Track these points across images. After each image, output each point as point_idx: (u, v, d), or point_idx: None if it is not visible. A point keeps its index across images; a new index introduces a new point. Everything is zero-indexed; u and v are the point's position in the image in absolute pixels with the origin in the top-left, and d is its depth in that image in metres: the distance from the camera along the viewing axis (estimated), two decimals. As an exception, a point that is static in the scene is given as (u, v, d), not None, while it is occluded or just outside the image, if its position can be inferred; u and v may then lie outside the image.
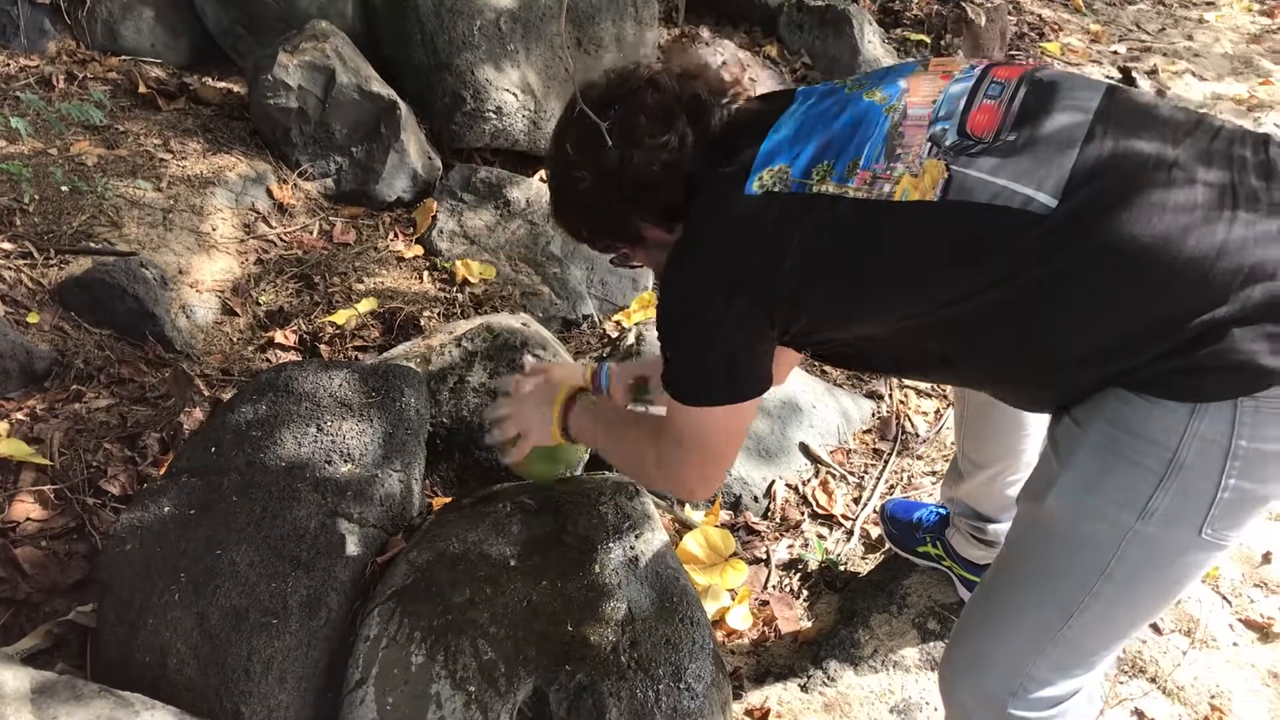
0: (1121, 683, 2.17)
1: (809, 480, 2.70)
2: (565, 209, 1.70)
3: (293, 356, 2.87)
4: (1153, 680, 2.18)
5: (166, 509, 2.03)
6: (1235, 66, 5.85)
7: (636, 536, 2.12)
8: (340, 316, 2.95)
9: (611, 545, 2.08)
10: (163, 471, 2.43)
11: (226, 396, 2.69)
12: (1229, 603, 2.36)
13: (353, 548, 2.06)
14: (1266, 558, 2.48)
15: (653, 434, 1.73)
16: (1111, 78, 5.32)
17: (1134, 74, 5.32)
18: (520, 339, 2.55)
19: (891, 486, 2.72)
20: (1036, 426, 1.95)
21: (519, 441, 2.02)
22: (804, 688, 2.16)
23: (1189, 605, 2.34)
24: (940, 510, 2.30)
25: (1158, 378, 1.28)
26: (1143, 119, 1.36)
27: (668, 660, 1.94)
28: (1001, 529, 2.09)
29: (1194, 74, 5.64)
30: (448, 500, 2.41)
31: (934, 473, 2.76)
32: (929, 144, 1.37)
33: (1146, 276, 1.26)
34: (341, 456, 2.16)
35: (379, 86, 3.43)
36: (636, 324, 2.91)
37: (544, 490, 2.19)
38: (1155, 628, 2.28)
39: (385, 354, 2.59)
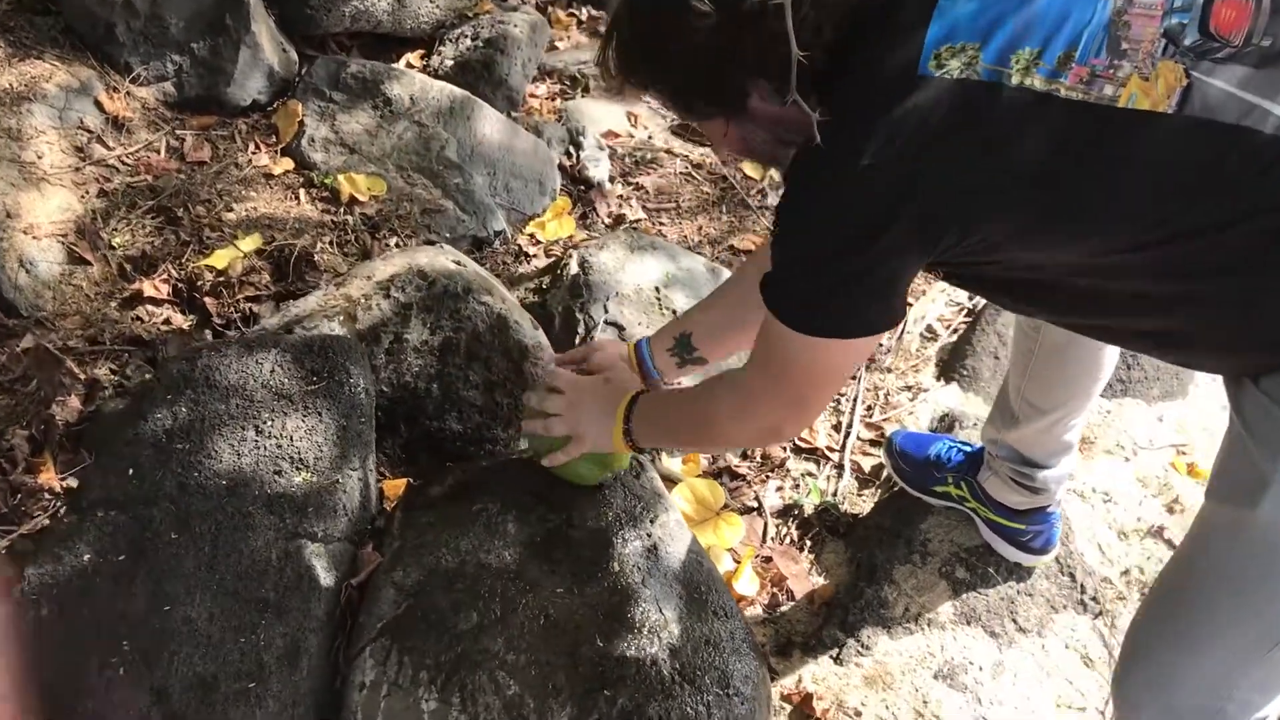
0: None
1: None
2: (656, 51, 1.30)
3: (170, 314, 2.41)
4: None
5: (87, 557, 1.63)
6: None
7: (652, 521, 1.85)
8: (219, 258, 2.49)
9: (627, 536, 1.81)
10: (45, 477, 2.00)
11: (101, 374, 2.24)
12: None
13: (324, 574, 1.72)
14: None
15: (724, 383, 1.49)
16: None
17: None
18: (462, 284, 2.18)
19: (869, 408, 2.52)
20: (1110, 367, 1.76)
21: (569, 444, 1.72)
22: (838, 659, 1.97)
23: None
24: (964, 447, 2.11)
25: None
26: None
27: (712, 665, 1.71)
28: (1047, 475, 1.91)
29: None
30: (401, 484, 2.08)
31: (909, 387, 2.58)
32: (1163, 40, 1.11)
33: None
34: (292, 463, 1.78)
35: (217, -33, 2.87)
36: (573, 249, 2.56)
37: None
38: None
39: (295, 310, 2.18)
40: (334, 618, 1.73)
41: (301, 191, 2.79)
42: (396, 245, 2.69)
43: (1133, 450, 2.44)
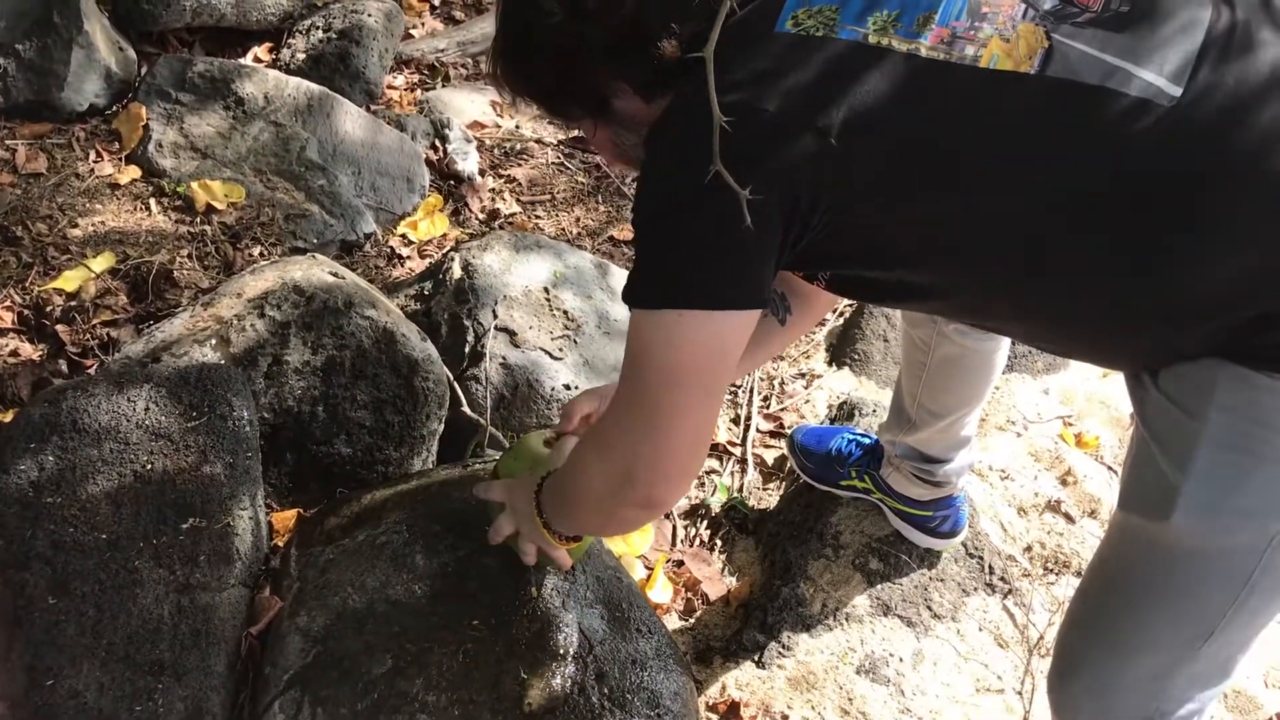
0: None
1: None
2: (518, 55, 1.27)
3: (17, 344, 2.22)
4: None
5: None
6: None
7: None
8: (68, 280, 2.30)
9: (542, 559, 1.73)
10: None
11: (-57, 415, 2.05)
12: None
13: (221, 626, 1.60)
14: None
15: (591, 442, 1.33)
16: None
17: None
18: (342, 298, 2.06)
19: (766, 398, 2.49)
20: (1002, 365, 1.78)
21: (521, 544, 1.60)
22: (760, 663, 1.94)
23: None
24: (862, 439, 2.10)
25: None
26: None
27: (640, 687, 1.66)
28: (951, 468, 1.92)
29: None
30: (291, 515, 1.95)
31: (802, 374, 2.56)
32: (1023, 5, 1.10)
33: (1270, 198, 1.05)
34: (177, 509, 1.64)
35: (41, -39, 2.64)
36: (454, 251, 2.45)
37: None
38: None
39: (161, 335, 2.02)
40: (235, 671, 1.61)
41: (152, 201, 2.61)
42: (261, 255, 2.54)
43: (1023, 425, 2.47)
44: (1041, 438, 2.46)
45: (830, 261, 1.24)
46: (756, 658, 1.95)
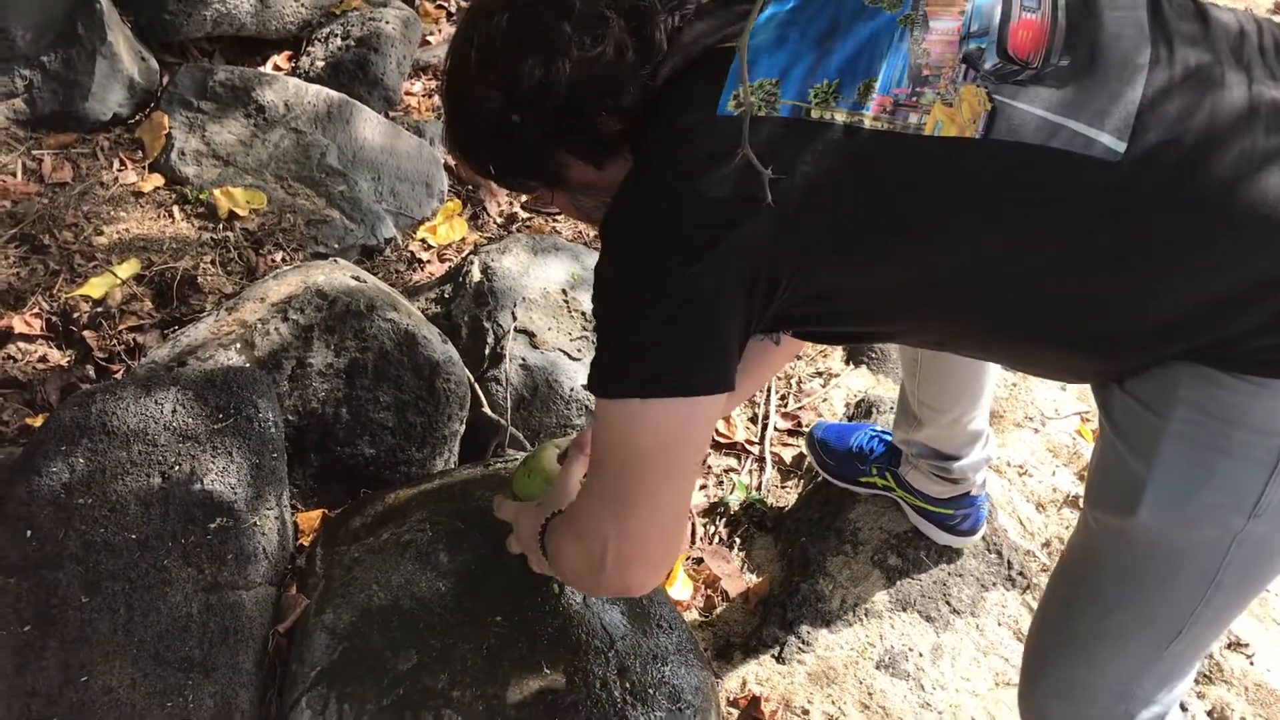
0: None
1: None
2: (466, 138, 1.30)
3: (46, 350, 2.25)
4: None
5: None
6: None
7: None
8: (95, 288, 2.34)
9: (564, 556, 1.75)
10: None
11: (-26, 421, 2.08)
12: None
13: (249, 624, 1.62)
14: None
15: (567, 523, 1.35)
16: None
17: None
18: (364, 301, 2.09)
19: (784, 397, 2.51)
20: (997, 369, 1.78)
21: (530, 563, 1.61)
22: (780, 658, 1.96)
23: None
24: (883, 436, 2.11)
25: (1257, 354, 1.09)
26: (1196, 27, 1.14)
27: (661, 680, 1.67)
28: (965, 464, 1.93)
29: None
30: (316, 515, 1.98)
31: (819, 373, 2.57)
32: (963, 65, 1.09)
33: (1241, 234, 1.06)
34: (205, 509, 1.67)
35: (65, -26, 2.68)
36: (473, 255, 2.47)
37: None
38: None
39: (186, 340, 2.05)
40: (263, 668, 1.63)
41: (175, 209, 2.64)
42: (283, 260, 2.57)
43: (1041, 421, 2.48)
44: (1059, 433, 2.47)
45: (795, 324, 1.26)
46: (776, 653, 1.97)
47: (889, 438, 2.09)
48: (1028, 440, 2.43)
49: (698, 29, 1.19)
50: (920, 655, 1.97)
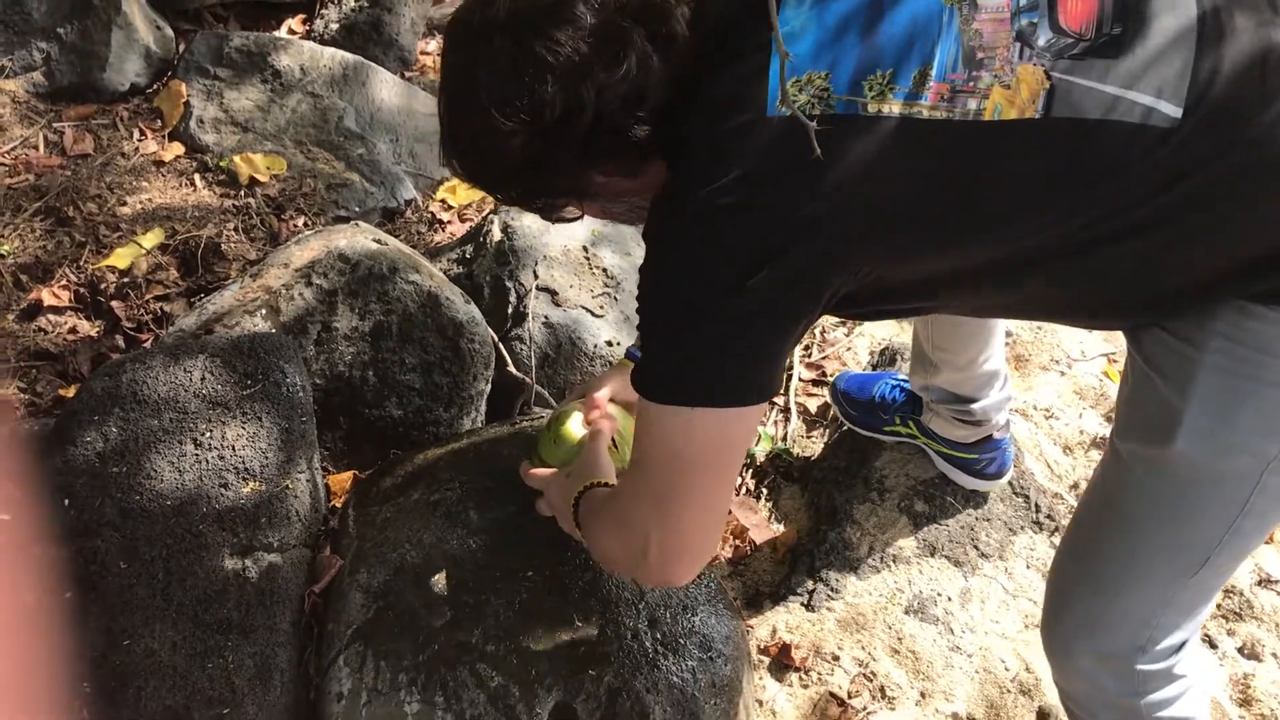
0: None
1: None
2: (485, 170, 1.24)
3: (75, 321, 2.28)
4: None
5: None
6: None
7: (613, 492, 1.82)
8: (120, 257, 2.36)
9: (590, 510, 1.77)
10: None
11: (9, 392, 2.12)
12: None
13: (285, 585, 1.65)
14: None
15: (609, 512, 1.35)
16: None
17: None
18: (387, 264, 2.10)
19: (807, 347, 2.51)
20: None
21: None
22: (809, 605, 1.97)
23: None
24: (904, 384, 2.11)
25: None
26: None
27: (692, 630, 1.70)
28: (983, 405, 1.92)
29: None
30: (346, 478, 2.01)
31: (841, 322, 2.57)
32: (1017, 44, 1.08)
33: None
34: (237, 474, 1.70)
35: (78, -55, 2.68)
36: (493, 214, 2.48)
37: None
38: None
39: (212, 308, 2.07)
40: (300, 629, 1.66)
41: (196, 177, 2.66)
42: (305, 225, 2.58)
43: (1067, 364, 2.48)
44: (1086, 375, 2.46)
45: (834, 310, 1.24)
46: (805, 600, 1.98)
47: (909, 385, 2.10)
48: (1054, 383, 2.43)
49: (716, 8, 1.16)
50: (949, 600, 1.98)
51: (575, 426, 1.68)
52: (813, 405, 2.38)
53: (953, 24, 1.08)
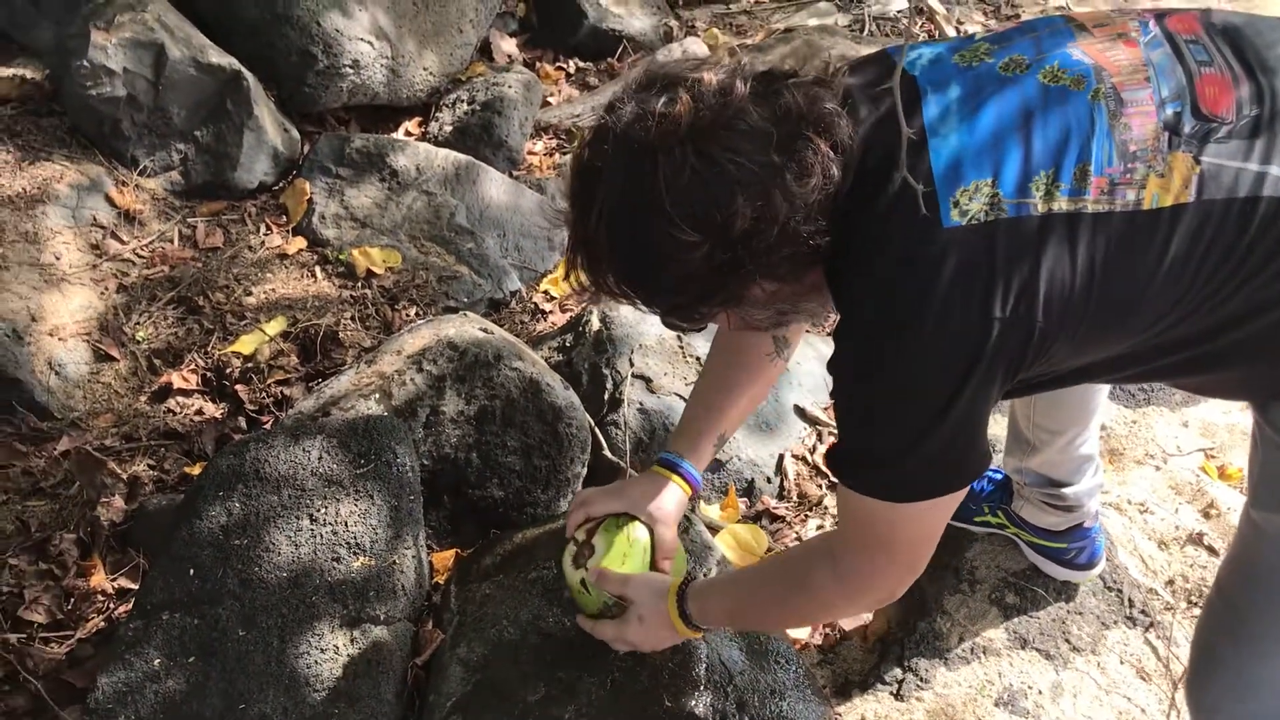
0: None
1: (814, 447, 2.50)
2: (652, 280, 1.22)
3: (202, 404, 2.43)
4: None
5: (157, 661, 1.64)
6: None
7: (706, 573, 1.87)
8: (245, 344, 2.52)
9: (683, 592, 1.83)
10: (96, 580, 2.02)
11: (140, 470, 2.26)
12: None
13: (390, 657, 1.74)
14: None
15: (819, 568, 1.41)
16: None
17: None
18: (492, 351, 2.21)
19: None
20: (1107, 388, 1.85)
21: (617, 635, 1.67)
22: (898, 695, 1.99)
23: None
24: (993, 474, 2.13)
25: None
26: None
27: (780, 715, 1.72)
28: (1076, 491, 1.94)
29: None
30: (449, 555, 2.09)
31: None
32: (1165, 133, 1.14)
33: None
34: (349, 549, 1.80)
35: (217, 56, 2.90)
36: (592, 307, 2.59)
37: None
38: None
39: (329, 391, 2.20)
40: (402, 699, 1.74)
41: (317, 269, 2.82)
42: (417, 315, 2.72)
43: (1162, 458, 2.46)
44: (1182, 470, 2.45)
45: (1014, 394, 1.34)
46: (895, 690, 2.00)
47: (998, 476, 2.12)
48: (1149, 477, 2.42)
49: (861, 119, 1.21)
50: (1039, 693, 1.97)
51: (637, 545, 1.70)
52: (903, 495, 2.40)
53: (1101, 120, 1.15)
